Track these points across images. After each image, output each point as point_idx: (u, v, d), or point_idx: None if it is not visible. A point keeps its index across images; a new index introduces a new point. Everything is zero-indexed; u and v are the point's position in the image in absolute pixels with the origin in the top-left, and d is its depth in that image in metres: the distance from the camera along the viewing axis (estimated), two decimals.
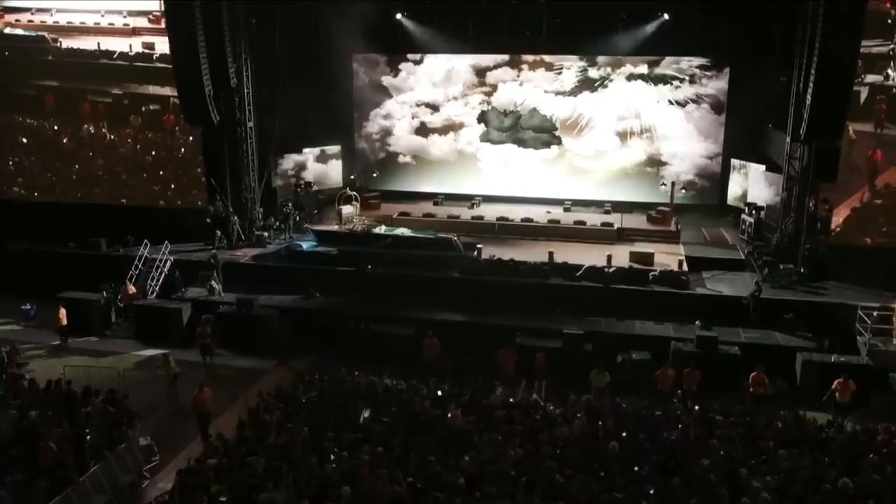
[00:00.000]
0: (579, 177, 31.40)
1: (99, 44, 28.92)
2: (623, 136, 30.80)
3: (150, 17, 27.63)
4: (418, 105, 32.27)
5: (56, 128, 30.33)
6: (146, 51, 28.48)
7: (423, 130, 32.43)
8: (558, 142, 31.13)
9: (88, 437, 15.44)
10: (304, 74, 29.08)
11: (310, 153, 31.49)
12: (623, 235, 26.18)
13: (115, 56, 28.94)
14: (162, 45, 26.66)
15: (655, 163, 30.76)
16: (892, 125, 22.99)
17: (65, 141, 30.27)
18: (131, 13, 28.34)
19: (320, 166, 31.92)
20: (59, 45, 29.35)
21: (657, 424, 15.33)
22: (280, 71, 28.05)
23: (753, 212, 26.37)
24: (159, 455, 16.78)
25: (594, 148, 31.08)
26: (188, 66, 23.60)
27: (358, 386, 17.30)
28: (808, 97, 20.93)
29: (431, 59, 31.69)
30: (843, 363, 18.84)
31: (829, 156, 22.36)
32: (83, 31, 28.89)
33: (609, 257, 23.16)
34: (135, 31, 28.37)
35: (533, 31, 29.83)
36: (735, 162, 29.38)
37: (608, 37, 29.26)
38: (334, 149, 32.16)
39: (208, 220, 26.98)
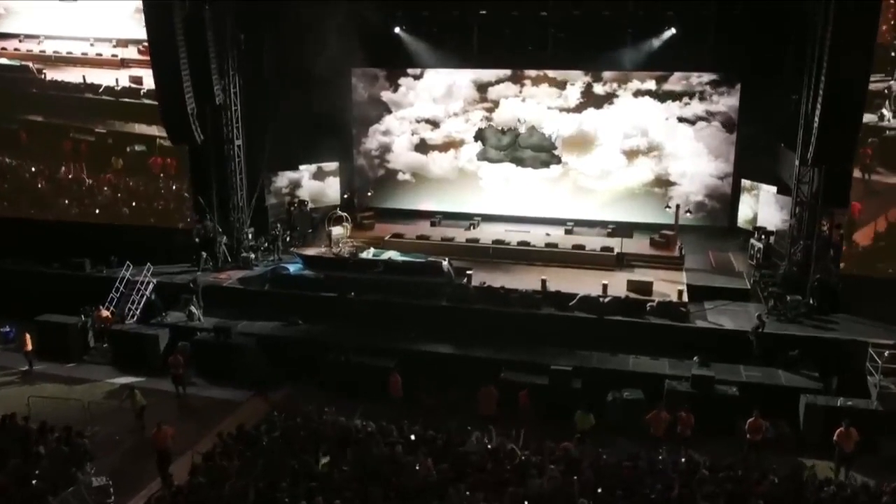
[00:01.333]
0: (584, 196, 30.25)
1: (84, 77, 27.25)
2: (630, 154, 29.60)
3: (140, 47, 25.66)
4: (418, 121, 31.35)
5: (34, 169, 28.79)
6: (133, 85, 26.79)
7: (422, 147, 31.50)
8: (557, 161, 30.01)
9: (35, 480, 14.64)
10: (301, 89, 28.39)
11: (306, 170, 30.67)
12: (623, 261, 24.88)
13: (100, 90, 27.22)
14: (150, 80, 25.02)
15: (663, 183, 29.51)
16: (883, 170, 21.39)
17: (40, 185, 28.77)
18: (120, 42, 26.67)
19: (317, 184, 31.10)
20: (43, 76, 27.76)
21: (638, 478, 14.12)
22: (271, 87, 27.29)
23: (763, 237, 24.99)
24: (115, 496, 15.90)
25: (599, 167, 29.91)
26: (170, 83, 22.81)
27: (324, 426, 16.28)
28: (816, 119, 19.58)
29: (432, 74, 30.75)
30: (850, 407, 17.47)
31: (840, 180, 21.02)
32: (70, 61, 27.31)
33: (605, 286, 21.93)
34: (123, 63, 26.79)
35: (536, 45, 28.81)
36: (746, 183, 28.06)
37: (614, 51, 28.12)
38: (331, 166, 31.32)
39: (197, 239, 26.24)
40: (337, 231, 25.78)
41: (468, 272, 23.18)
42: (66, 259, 25.79)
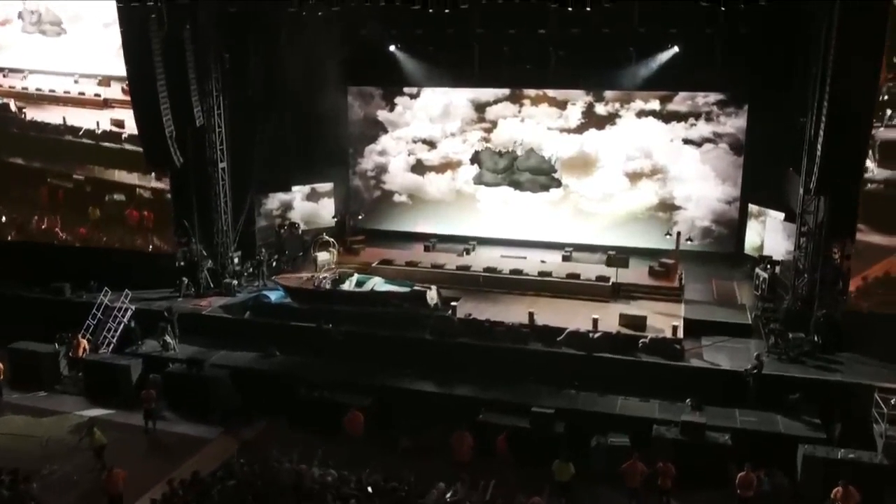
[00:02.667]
0: (584, 220, 29.13)
1: (65, 118, 26.09)
2: (633, 177, 28.46)
3: (124, 86, 24.17)
4: (415, 141, 30.45)
5: (4, 219, 27.47)
6: (114, 129, 25.51)
7: (419, 168, 30.60)
8: (557, 184, 28.95)
9: None
10: (294, 108, 27.69)
11: (299, 191, 29.86)
12: (619, 292, 23.69)
13: (80, 133, 26.00)
14: (132, 123, 24.15)
15: (668, 207, 28.30)
16: (864, 228, 19.66)
17: (9, 238, 27.52)
18: (103, 82, 25.37)
19: (310, 205, 30.25)
20: (23, 115, 26.62)
21: None
22: (261, 106, 26.52)
23: (768, 266, 23.65)
24: None
25: (601, 190, 28.79)
26: (148, 105, 22.09)
27: (281, 475, 15.32)
28: (819, 144, 18.33)
29: (428, 93, 29.90)
30: (852, 460, 16.14)
31: (846, 209, 19.71)
32: (52, 99, 26.19)
33: (595, 321, 20.74)
34: (106, 103, 25.47)
35: (536, 63, 27.65)
36: (753, 208, 26.75)
37: (617, 70, 26.93)
38: (326, 186, 30.47)
39: (182, 263, 25.49)
40: (323, 256, 24.91)
41: (453, 303, 22.12)
42: (46, 282, 25.12)
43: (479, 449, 17.29)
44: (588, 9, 24.10)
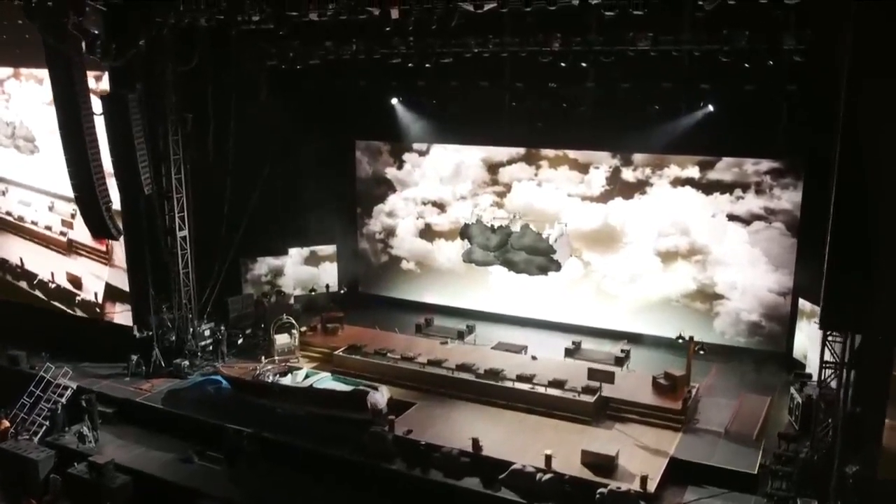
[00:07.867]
0: (608, 302, 24.89)
1: (22, 259, 24.61)
2: (666, 256, 23.95)
3: None
4: (424, 203, 27.31)
5: None
6: (69, 287, 23.94)
7: (428, 233, 27.42)
8: (556, 267, 24.76)
9: None
10: (287, 167, 25.45)
11: (296, 255, 27.42)
12: (605, 410, 19.32)
13: (34, 282, 24.53)
14: (89, 282, 22.63)
15: (708, 296, 23.55)
16: None
17: None
18: (67, 223, 23.73)
19: (309, 269, 27.79)
20: None
21: None
22: (240, 166, 24.06)
23: (803, 389, 18.55)
24: None
25: (628, 270, 24.45)
26: (82, 174, 20.23)
27: None
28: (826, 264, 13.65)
29: (439, 150, 26.75)
30: None
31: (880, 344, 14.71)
32: (18, 229, 24.70)
33: (548, 458, 16.63)
34: (71, 246, 23.82)
35: (553, 119, 23.73)
36: (805, 305, 21.57)
37: (647, 129, 22.67)
38: (328, 249, 27.91)
39: (148, 333, 23.53)
40: (282, 340, 22.21)
41: (390, 417, 18.62)
42: (3, 348, 23.94)
43: None
44: (584, 64, 20.66)
